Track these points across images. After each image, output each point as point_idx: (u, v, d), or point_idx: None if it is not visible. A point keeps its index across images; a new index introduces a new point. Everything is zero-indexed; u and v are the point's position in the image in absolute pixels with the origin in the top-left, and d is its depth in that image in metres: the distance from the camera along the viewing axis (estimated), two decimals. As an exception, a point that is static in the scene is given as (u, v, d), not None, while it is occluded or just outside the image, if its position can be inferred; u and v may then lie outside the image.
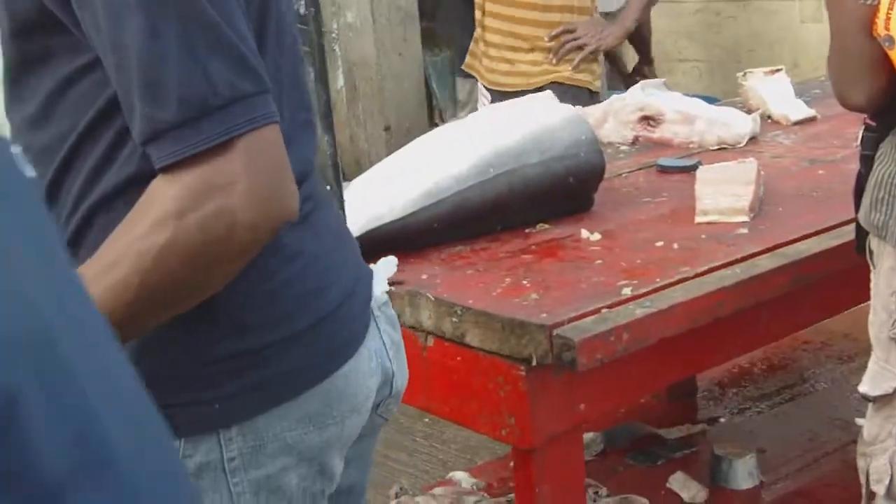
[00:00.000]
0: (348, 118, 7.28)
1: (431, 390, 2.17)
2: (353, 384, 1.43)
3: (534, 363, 1.93)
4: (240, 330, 1.35)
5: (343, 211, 2.18)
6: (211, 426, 1.34)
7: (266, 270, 1.34)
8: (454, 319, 2.06)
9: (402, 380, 1.58)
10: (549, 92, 2.73)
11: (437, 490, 2.89)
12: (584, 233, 2.41)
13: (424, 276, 2.25)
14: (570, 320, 1.94)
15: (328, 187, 2.16)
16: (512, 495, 2.91)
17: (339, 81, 8.18)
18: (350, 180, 2.56)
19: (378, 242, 2.32)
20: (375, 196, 2.37)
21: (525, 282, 2.16)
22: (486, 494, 2.95)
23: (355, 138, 6.83)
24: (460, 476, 3.03)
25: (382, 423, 1.60)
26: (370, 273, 1.56)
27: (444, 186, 2.37)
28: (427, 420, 4.00)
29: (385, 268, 1.66)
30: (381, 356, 1.51)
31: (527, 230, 2.48)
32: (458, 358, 2.08)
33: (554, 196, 2.48)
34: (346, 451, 1.47)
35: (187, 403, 1.33)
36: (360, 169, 4.90)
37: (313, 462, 1.40)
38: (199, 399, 1.33)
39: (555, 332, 1.90)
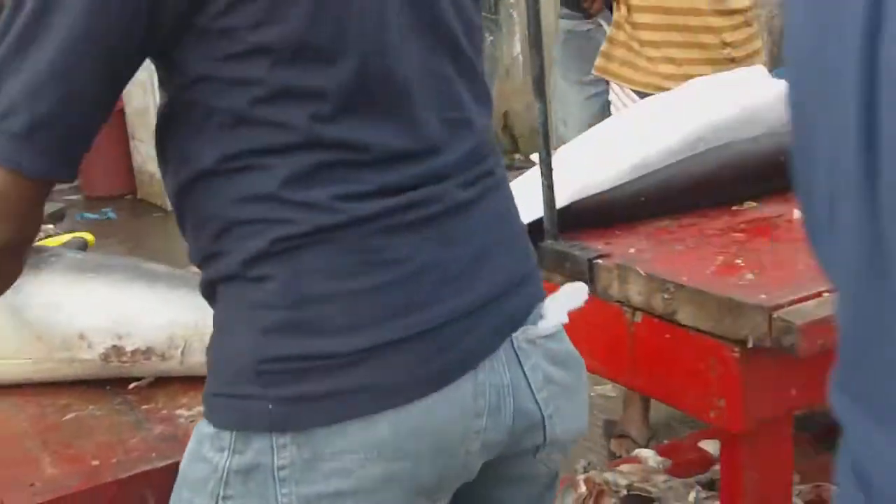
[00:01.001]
0: (524, 84, 7.23)
1: (637, 367, 2.14)
2: (439, 420, 1.27)
3: (750, 345, 1.88)
4: (310, 330, 1.25)
5: (550, 181, 2.16)
6: (263, 426, 1.25)
7: (348, 271, 1.26)
8: (665, 296, 2.02)
9: (565, 426, 1.41)
10: (760, 67, 2.66)
11: (624, 467, 2.85)
12: (797, 213, 2.33)
13: (632, 251, 2.21)
14: (791, 303, 1.88)
15: (538, 155, 2.14)
16: (699, 476, 2.88)
17: (515, 48, 8.14)
18: (521, 150, 2.54)
19: (583, 214, 2.30)
20: (581, 168, 2.34)
21: (739, 261, 2.11)
22: (671, 475, 2.90)
23: (531, 106, 6.77)
24: (647, 454, 2.99)
25: (547, 471, 1.46)
26: (524, 298, 1.40)
27: (653, 160, 2.33)
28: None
29: (570, 296, 1.44)
30: (509, 395, 1.34)
31: (734, 207, 2.42)
32: (668, 336, 2.04)
33: (764, 173, 2.41)
34: (441, 499, 1.34)
35: (242, 396, 1.27)
36: (533, 138, 4.84)
37: (374, 496, 1.26)
38: (254, 395, 1.26)
39: (775, 314, 1.85)
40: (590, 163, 2.35)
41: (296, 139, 1.24)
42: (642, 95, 3.48)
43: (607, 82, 3.79)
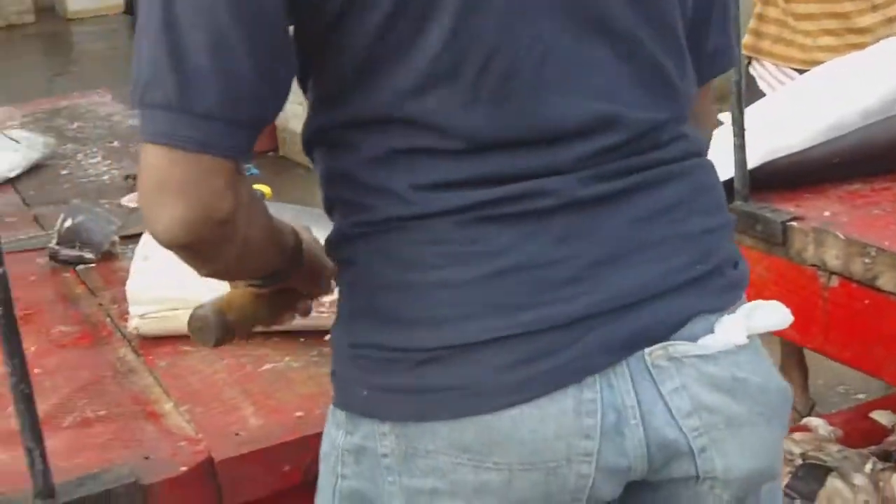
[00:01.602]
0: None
1: (830, 333, 2.07)
2: (528, 435, 1.16)
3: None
4: (388, 319, 1.20)
5: (742, 140, 2.10)
6: (365, 411, 1.21)
7: (427, 262, 1.18)
8: (866, 261, 1.95)
9: (730, 463, 1.23)
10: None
11: (796, 435, 2.78)
12: None
13: (827, 214, 2.14)
14: None
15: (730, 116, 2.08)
16: (872, 447, 2.80)
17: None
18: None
19: (775, 175, 2.24)
20: (773, 127, 2.26)
21: (941, 225, 2.03)
22: (843, 445, 2.83)
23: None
24: (817, 423, 2.91)
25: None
26: (675, 310, 1.22)
27: (849, 121, 2.25)
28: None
29: (759, 315, 1.25)
30: (635, 418, 1.19)
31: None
32: (867, 301, 1.98)
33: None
34: None
35: (344, 378, 1.24)
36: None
37: (470, 501, 1.19)
38: (352, 378, 1.23)
39: None
40: (781, 123, 2.27)
41: (376, 114, 1.18)
42: (801, 72, 3.28)
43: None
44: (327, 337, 1.77)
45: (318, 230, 1.77)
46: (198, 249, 1.16)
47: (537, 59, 1.17)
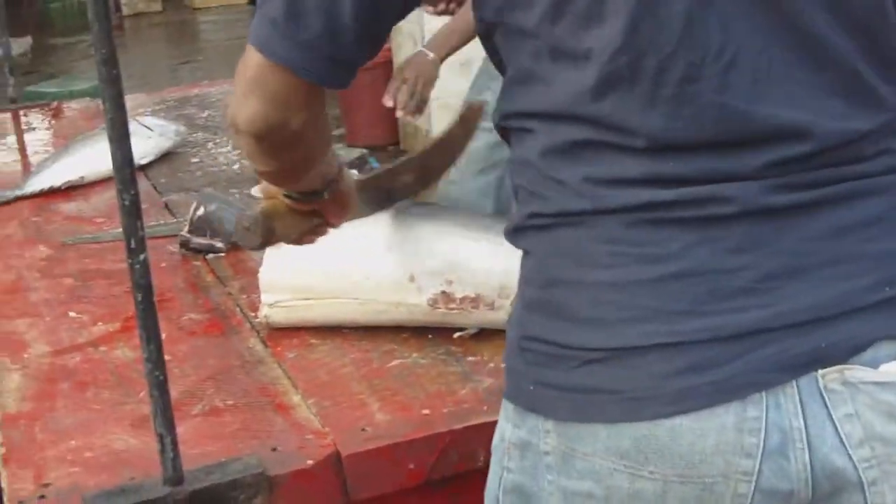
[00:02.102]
0: None
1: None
2: (686, 445, 1.12)
3: None
4: (557, 314, 1.17)
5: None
6: (530, 406, 1.19)
7: (597, 260, 1.15)
8: None
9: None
10: None
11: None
12: None
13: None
14: None
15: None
16: None
17: None
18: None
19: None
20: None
21: None
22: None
23: None
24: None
25: None
26: (858, 331, 1.15)
27: None
28: None
29: None
30: (800, 441, 1.13)
31: None
32: None
33: None
34: None
35: (513, 371, 1.22)
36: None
37: None
38: (520, 371, 1.21)
39: None
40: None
41: (555, 107, 1.15)
42: None
43: None
44: (456, 335, 1.78)
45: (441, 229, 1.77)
46: (266, 144, 1.28)
47: (725, 63, 1.12)
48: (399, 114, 3.23)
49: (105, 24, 1.25)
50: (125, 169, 1.31)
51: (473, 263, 1.75)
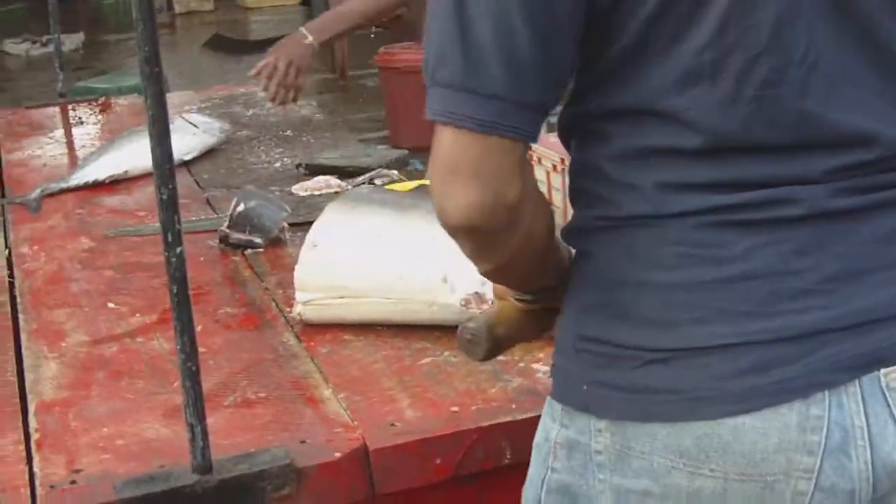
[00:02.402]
0: None
1: None
2: (749, 444, 1.14)
3: None
4: (620, 316, 1.18)
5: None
6: (581, 406, 1.21)
7: (665, 262, 1.17)
8: None
9: None
10: None
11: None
12: None
13: None
14: None
15: None
16: None
17: None
18: None
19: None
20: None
21: None
22: None
23: None
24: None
25: None
26: None
27: None
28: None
29: None
30: (863, 440, 1.15)
31: None
32: None
33: None
34: None
35: (565, 370, 1.23)
36: None
37: None
38: (573, 371, 1.22)
39: None
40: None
41: (634, 105, 1.17)
42: None
43: None
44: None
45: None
46: (484, 234, 1.18)
47: (807, 68, 1.15)
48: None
49: (149, 23, 1.27)
50: (164, 164, 1.34)
51: None
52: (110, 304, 2.05)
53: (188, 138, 2.93)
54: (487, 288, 1.75)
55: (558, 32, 1.14)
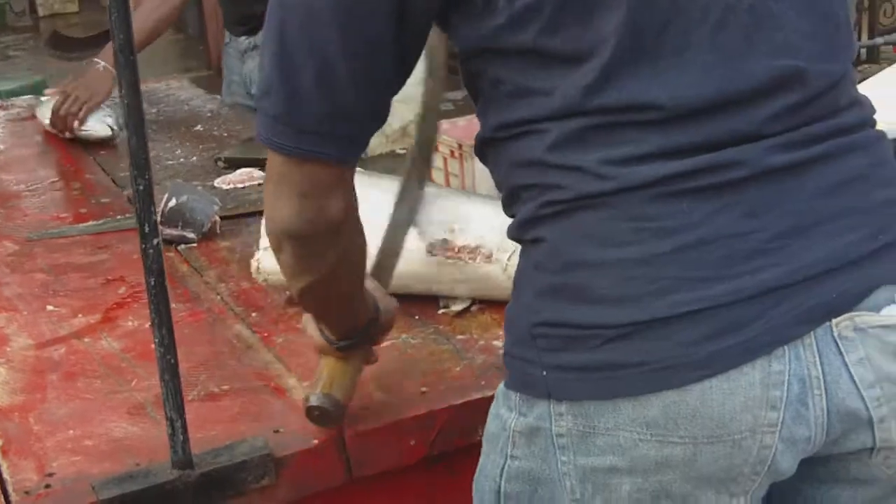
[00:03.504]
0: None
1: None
2: (717, 407, 1.16)
3: None
4: (577, 297, 1.19)
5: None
6: (541, 392, 1.22)
7: (619, 238, 1.18)
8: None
9: None
10: None
11: None
12: None
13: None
14: None
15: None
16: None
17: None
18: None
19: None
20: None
21: None
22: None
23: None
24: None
25: (890, 476, 1.27)
26: (862, 279, 1.21)
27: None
28: None
29: None
30: (819, 388, 1.19)
31: None
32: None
33: None
34: (739, 494, 1.22)
35: (522, 359, 1.24)
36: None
37: (648, 478, 1.19)
38: (530, 359, 1.23)
39: None
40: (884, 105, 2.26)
41: (565, 105, 1.19)
42: None
43: None
44: (441, 310, 1.80)
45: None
46: (307, 243, 1.29)
47: (712, 24, 1.18)
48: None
49: (123, 11, 1.25)
50: (140, 154, 1.32)
51: (476, 215, 1.78)
52: (49, 307, 2.01)
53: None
54: (456, 235, 1.77)
55: (379, 80, 1.23)
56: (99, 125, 2.99)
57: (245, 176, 2.59)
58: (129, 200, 2.56)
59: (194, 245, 2.22)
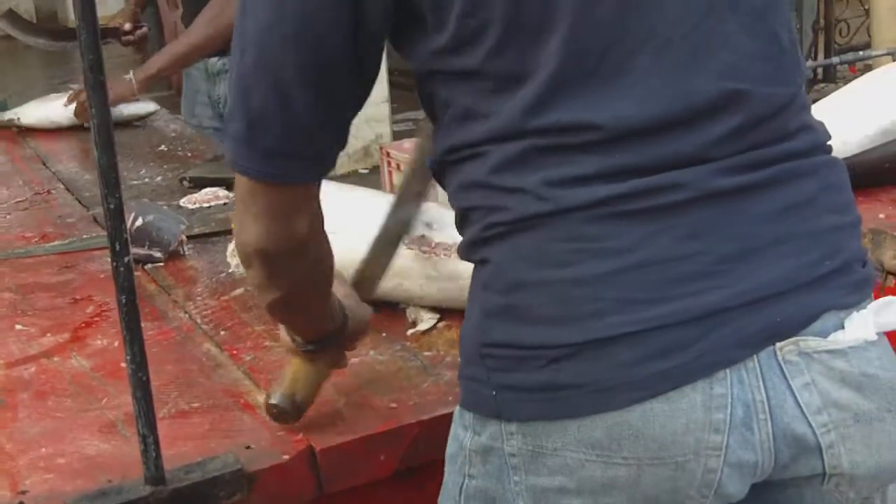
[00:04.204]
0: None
1: (888, 332, 2.11)
2: (659, 428, 1.17)
3: None
4: (521, 317, 1.20)
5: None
6: (492, 411, 1.23)
7: (559, 259, 1.19)
8: (922, 260, 2.00)
9: (857, 458, 1.23)
10: None
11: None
12: None
13: (882, 216, 2.19)
14: None
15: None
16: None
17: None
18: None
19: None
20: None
21: None
22: None
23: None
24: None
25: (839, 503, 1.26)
26: (807, 305, 1.21)
27: (900, 127, 2.29)
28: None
29: (891, 311, 1.24)
30: (763, 413, 1.19)
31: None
32: (925, 300, 2.02)
33: None
34: None
35: (473, 378, 1.26)
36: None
37: (597, 499, 1.20)
38: (481, 379, 1.24)
39: None
40: (834, 125, 2.31)
41: (506, 126, 1.20)
42: None
43: None
44: (409, 332, 1.83)
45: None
46: (275, 260, 1.32)
47: (657, 45, 1.18)
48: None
49: (92, 30, 1.27)
50: (111, 173, 1.33)
51: (451, 219, 1.79)
52: (18, 326, 2.01)
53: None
54: (434, 232, 1.80)
55: (337, 100, 1.25)
56: (142, 107, 3.26)
57: (211, 195, 2.61)
58: (96, 220, 2.58)
59: (161, 264, 2.23)
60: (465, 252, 1.29)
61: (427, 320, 1.86)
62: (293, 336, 1.53)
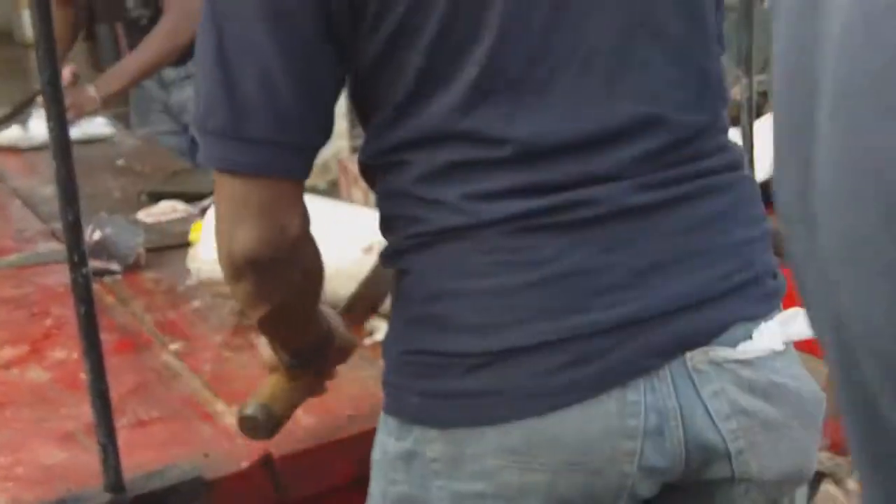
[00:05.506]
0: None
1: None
2: (574, 435, 1.19)
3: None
4: (440, 326, 1.23)
5: (752, 155, 2.19)
6: (414, 417, 1.25)
7: (479, 270, 1.21)
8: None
9: (765, 464, 1.26)
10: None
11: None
12: None
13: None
14: None
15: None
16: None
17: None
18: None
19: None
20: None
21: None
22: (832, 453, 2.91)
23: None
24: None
25: None
26: (716, 316, 1.24)
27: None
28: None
29: (799, 323, 1.26)
30: (675, 420, 1.22)
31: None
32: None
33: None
34: None
35: (395, 385, 1.29)
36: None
37: (514, 503, 1.23)
38: (403, 386, 1.27)
39: None
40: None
41: (428, 133, 1.21)
42: None
43: None
44: (366, 341, 1.85)
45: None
46: (268, 267, 1.24)
47: (579, 64, 1.20)
48: None
49: (49, 44, 1.29)
50: (69, 185, 1.35)
51: None
52: (-25, 339, 2.02)
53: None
54: None
55: (318, 81, 1.21)
56: (99, 128, 3.25)
57: (168, 209, 2.62)
58: (54, 234, 2.58)
59: (119, 277, 2.24)
60: (388, 260, 1.31)
61: (383, 330, 1.88)
62: (277, 352, 1.50)
